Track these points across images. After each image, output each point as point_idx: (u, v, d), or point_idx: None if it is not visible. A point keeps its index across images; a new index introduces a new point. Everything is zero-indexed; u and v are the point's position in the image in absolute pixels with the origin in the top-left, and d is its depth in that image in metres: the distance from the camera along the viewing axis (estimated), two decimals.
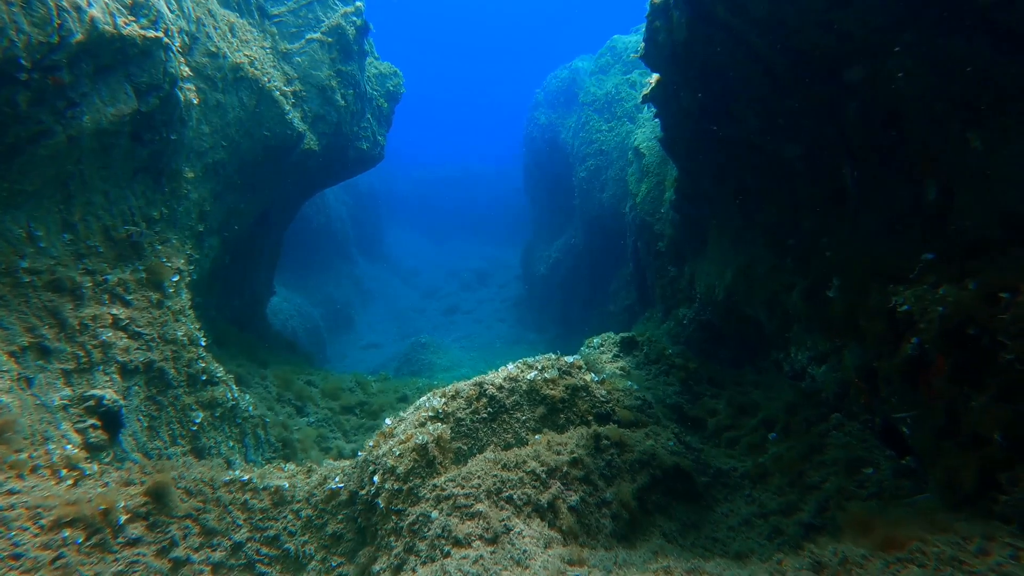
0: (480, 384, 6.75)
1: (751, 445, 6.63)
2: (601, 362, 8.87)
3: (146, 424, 5.75)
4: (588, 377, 6.96)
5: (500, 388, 6.66)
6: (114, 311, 5.88)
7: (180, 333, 6.58)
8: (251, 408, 7.58)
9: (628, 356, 8.92)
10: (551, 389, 6.67)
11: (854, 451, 5.32)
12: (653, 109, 14.80)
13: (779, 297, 7.70)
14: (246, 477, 5.59)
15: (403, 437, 5.78)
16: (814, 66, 6.16)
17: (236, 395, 7.25)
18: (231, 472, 5.52)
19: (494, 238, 42.91)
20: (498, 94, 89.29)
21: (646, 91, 9.23)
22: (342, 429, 9.68)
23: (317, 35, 10.69)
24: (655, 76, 8.92)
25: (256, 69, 9.03)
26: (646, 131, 13.98)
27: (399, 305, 30.25)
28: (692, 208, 10.82)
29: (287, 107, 9.79)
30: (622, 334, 9.18)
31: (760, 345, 8.86)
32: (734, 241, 9.57)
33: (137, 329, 6.05)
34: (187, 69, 7.37)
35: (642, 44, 8.29)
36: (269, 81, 9.38)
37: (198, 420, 6.35)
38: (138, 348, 5.97)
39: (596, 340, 9.35)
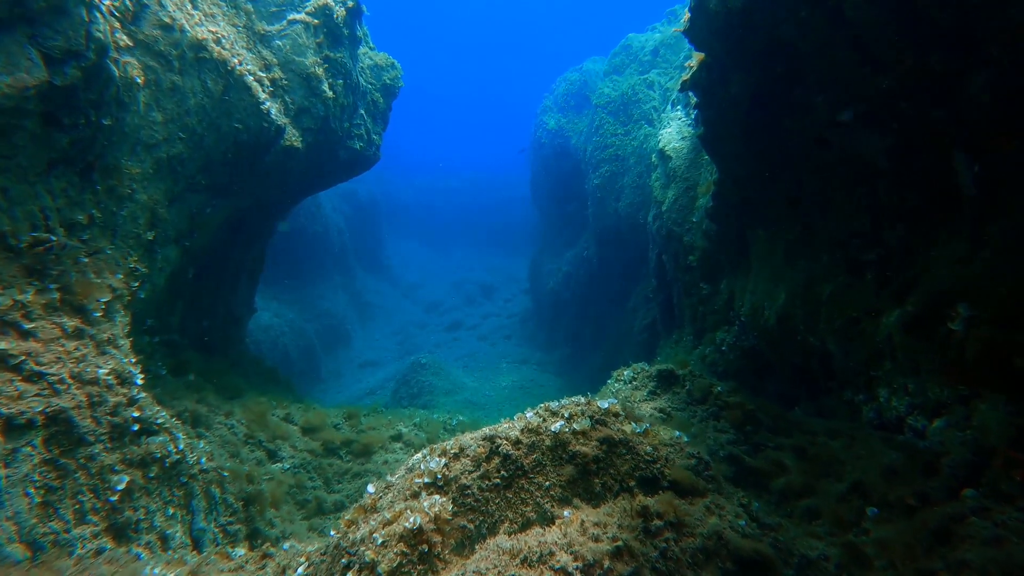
0: (491, 439, 5.22)
1: (840, 520, 5.10)
2: (635, 401, 7.37)
3: (39, 499, 4.26)
4: (628, 428, 5.44)
5: (517, 443, 5.13)
6: (3, 345, 4.41)
7: (104, 371, 5.10)
8: (204, 460, 6.08)
9: (667, 393, 7.40)
10: (582, 444, 5.15)
11: (1013, 551, 3.82)
12: (679, 109, 13.41)
13: (859, 325, 6.22)
14: None
15: (389, 516, 4.28)
16: (926, 28, 4.74)
17: (182, 445, 5.75)
18: (147, 569, 4.02)
19: (499, 248, 41.53)
20: (504, 99, 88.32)
21: (685, 76, 7.80)
22: (324, 476, 8.17)
23: (301, 16, 9.31)
24: (697, 56, 7.49)
25: (224, 48, 7.62)
26: (672, 131, 12.54)
27: (399, 320, 28.79)
28: (734, 216, 9.36)
29: (263, 96, 8.38)
30: (658, 366, 7.66)
31: (825, 380, 7.36)
32: (788, 255, 8.09)
33: (37, 368, 4.58)
34: (126, 38, 5.96)
35: (687, 15, 6.86)
36: (241, 64, 7.97)
37: (121, 486, 4.85)
38: (36, 395, 4.49)
39: (627, 373, 7.84)
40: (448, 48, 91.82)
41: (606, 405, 5.56)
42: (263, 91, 8.47)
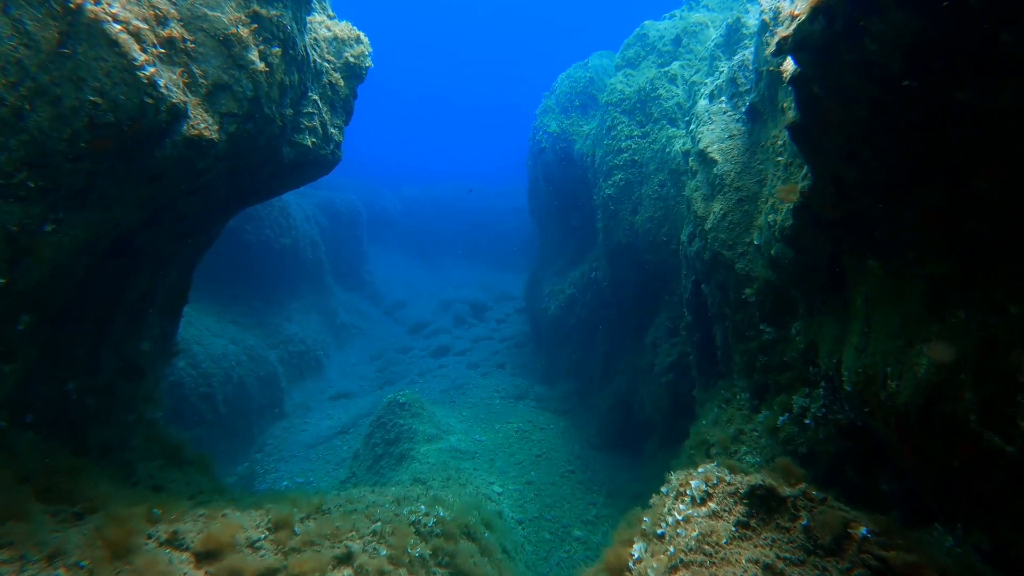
0: None
1: None
2: (717, 542, 4.57)
3: None
4: None
5: None
6: None
7: None
8: None
9: (768, 528, 4.61)
10: None
11: None
12: (723, 100, 10.69)
13: None
14: None
15: None
16: None
17: None
18: None
19: (492, 262, 38.78)
20: (499, 101, 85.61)
21: (785, 31, 5.08)
22: None
23: None
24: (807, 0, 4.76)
25: None
26: (715, 128, 9.83)
27: (380, 343, 25.86)
28: (826, 238, 6.62)
29: (140, 58, 5.56)
30: (749, 479, 4.86)
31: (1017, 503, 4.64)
32: (935, 301, 5.37)
33: None
34: None
35: None
36: (98, 4, 5.15)
37: None
38: None
39: (697, 484, 5.00)
40: (439, 50, 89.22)
41: None
42: (143, 52, 5.65)
